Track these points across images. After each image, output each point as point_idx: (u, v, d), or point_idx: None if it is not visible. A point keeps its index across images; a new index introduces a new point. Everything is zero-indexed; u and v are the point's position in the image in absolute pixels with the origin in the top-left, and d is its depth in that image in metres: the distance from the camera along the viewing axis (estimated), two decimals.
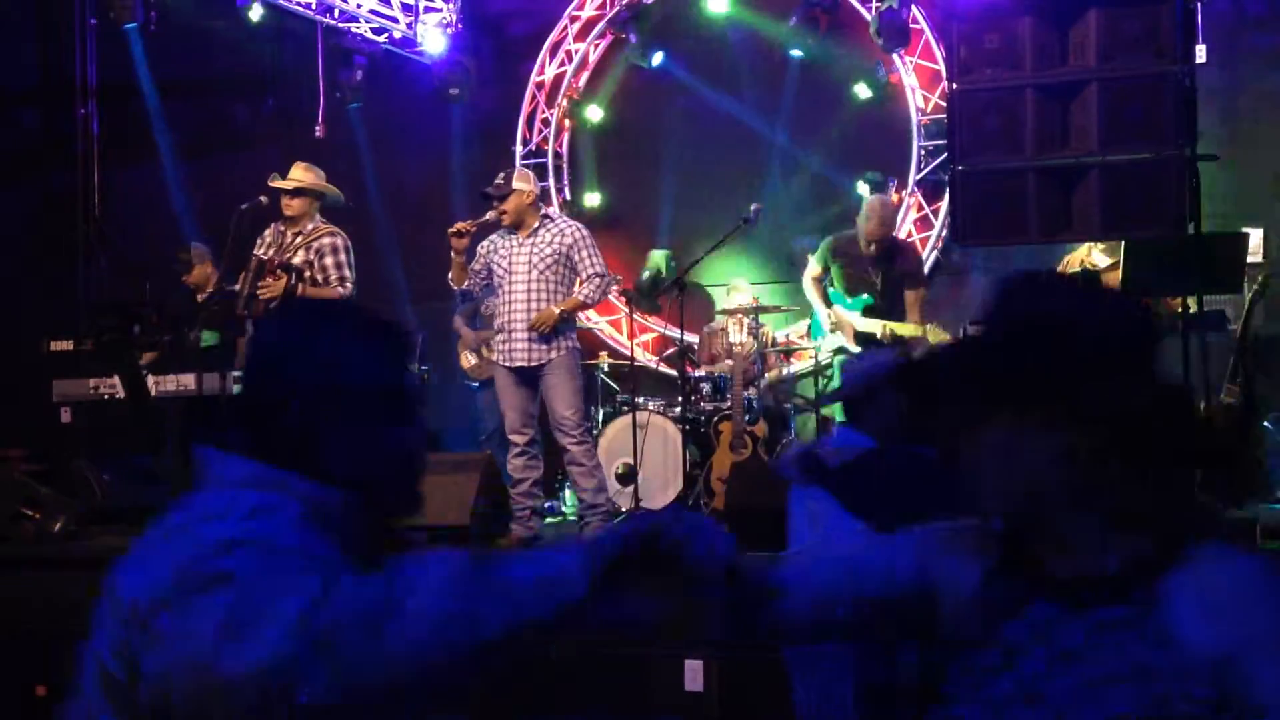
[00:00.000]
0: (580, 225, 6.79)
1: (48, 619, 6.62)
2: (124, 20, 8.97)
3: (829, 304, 7.63)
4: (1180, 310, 5.63)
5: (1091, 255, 6.64)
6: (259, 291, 6.85)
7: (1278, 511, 5.75)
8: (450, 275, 6.79)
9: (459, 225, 6.66)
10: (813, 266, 7.72)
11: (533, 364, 6.53)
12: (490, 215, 6.73)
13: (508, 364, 6.58)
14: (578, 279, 6.68)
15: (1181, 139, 5.24)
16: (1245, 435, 6.17)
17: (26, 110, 11.06)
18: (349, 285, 7.04)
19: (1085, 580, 1.75)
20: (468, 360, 8.60)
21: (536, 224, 6.64)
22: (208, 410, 7.38)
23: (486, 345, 8.50)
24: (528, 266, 6.56)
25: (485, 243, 6.77)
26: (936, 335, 7.42)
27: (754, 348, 8.28)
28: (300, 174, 7.17)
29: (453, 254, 6.68)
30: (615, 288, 7.85)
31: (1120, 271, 6.06)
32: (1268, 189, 8.00)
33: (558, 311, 6.50)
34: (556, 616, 1.62)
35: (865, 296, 7.52)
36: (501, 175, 6.84)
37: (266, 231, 7.22)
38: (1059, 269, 6.88)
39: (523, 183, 6.67)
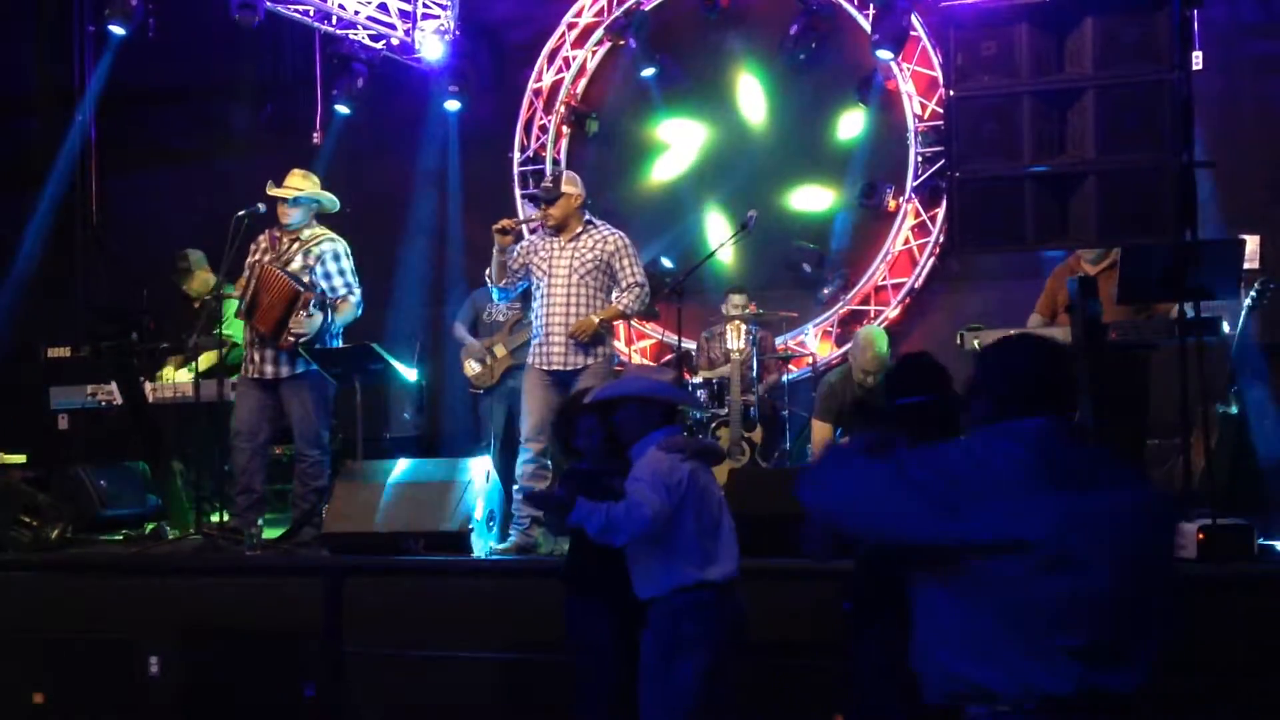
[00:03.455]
0: (623, 234, 6.72)
1: (45, 627, 6.63)
2: (115, 22, 8.94)
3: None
4: (1177, 317, 5.63)
5: (1081, 264, 6.64)
6: (293, 327, 6.82)
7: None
8: (489, 271, 6.73)
9: (504, 222, 6.62)
10: (822, 430, 7.67)
11: (568, 369, 6.51)
12: (536, 216, 6.71)
13: (543, 367, 6.55)
14: (616, 287, 6.65)
15: (1178, 146, 5.24)
16: (1242, 443, 6.18)
17: (24, 116, 11.05)
18: (358, 291, 7.08)
19: None
20: (472, 368, 8.59)
21: (580, 229, 6.61)
22: (209, 417, 7.39)
23: (491, 353, 8.49)
24: (568, 271, 6.52)
25: (525, 243, 6.74)
26: None
27: (752, 354, 8.28)
28: (298, 181, 7.18)
29: (495, 251, 6.62)
30: None
31: (1115, 275, 6.07)
32: (1264, 195, 8.01)
33: (598, 320, 6.48)
34: None
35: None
36: (550, 177, 6.82)
37: (260, 238, 7.21)
38: (1053, 276, 6.90)
39: (571, 186, 6.64)
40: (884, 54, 8.92)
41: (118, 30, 9.00)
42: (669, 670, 4.28)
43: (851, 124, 9.51)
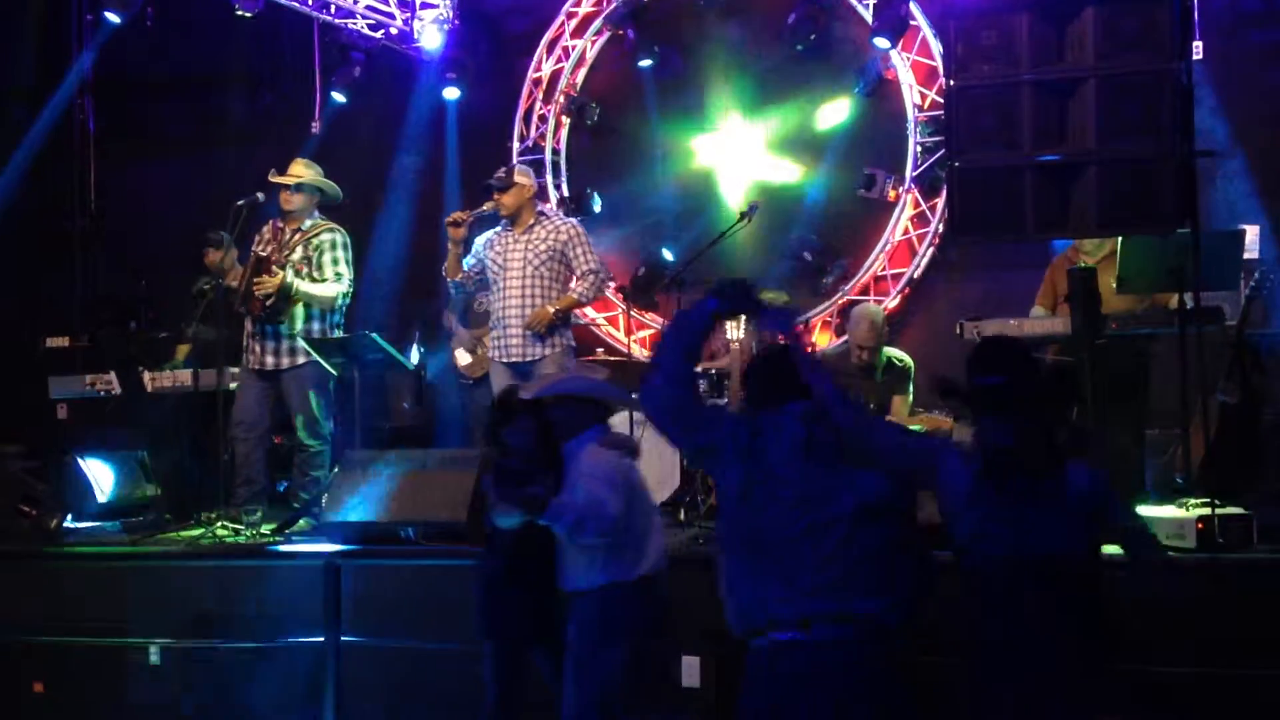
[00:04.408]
0: (575, 222, 6.81)
1: (44, 616, 6.63)
2: (110, 10, 8.90)
3: None
4: (1177, 307, 5.63)
5: (1080, 255, 6.63)
6: (255, 288, 6.87)
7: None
8: (445, 266, 6.81)
9: (455, 215, 6.68)
10: None
11: (526, 359, 6.55)
12: (487, 206, 6.75)
13: (502, 359, 6.60)
14: (573, 276, 6.69)
15: (1178, 135, 5.24)
16: (1243, 433, 6.18)
17: (21, 107, 11.03)
18: (345, 282, 7.07)
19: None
20: (462, 358, 8.60)
21: (532, 220, 6.68)
22: (207, 405, 7.39)
23: (481, 343, 8.51)
24: (522, 263, 6.58)
25: (481, 238, 6.79)
26: (934, 422, 7.39)
27: (752, 345, 8.26)
28: (301, 170, 7.19)
29: (449, 244, 6.69)
30: (612, 284, 7.84)
31: (1114, 265, 6.07)
32: (1264, 185, 8.00)
33: (552, 311, 6.52)
34: None
35: None
36: (504, 168, 6.89)
37: (265, 228, 7.23)
38: (1052, 268, 6.90)
39: (524, 177, 6.74)
40: (881, 42, 8.93)
41: (113, 19, 8.97)
42: (596, 659, 4.50)
43: (850, 113, 9.49)
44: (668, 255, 9.49)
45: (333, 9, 9.50)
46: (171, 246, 9.30)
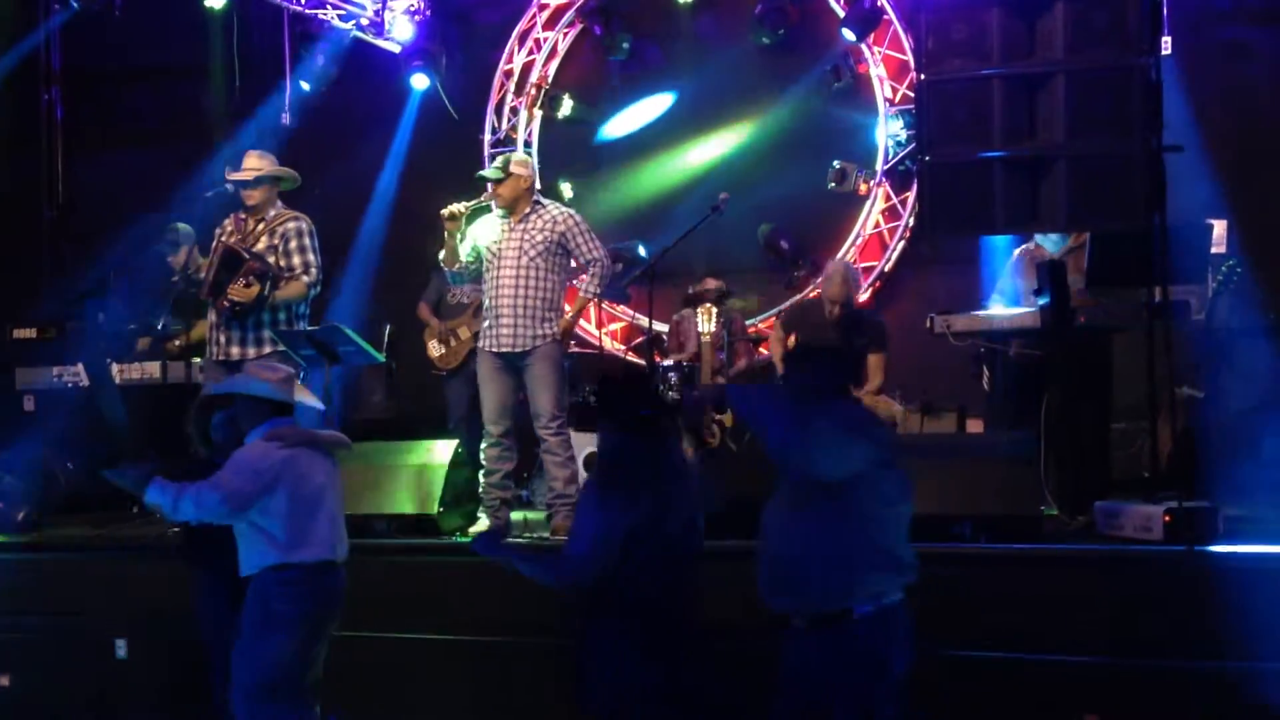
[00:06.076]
0: (573, 211, 6.75)
1: (11, 608, 6.59)
2: None
3: None
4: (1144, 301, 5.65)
5: (1042, 249, 6.66)
6: (231, 293, 6.77)
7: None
8: (442, 256, 6.76)
9: (452, 208, 6.61)
10: (779, 332, 7.70)
11: (518, 350, 6.51)
12: (484, 198, 6.73)
13: (492, 349, 6.55)
14: (571, 262, 6.69)
15: (1147, 130, 5.27)
16: (1207, 426, 6.21)
17: None
18: (314, 272, 6.98)
19: None
20: (435, 350, 8.57)
21: (529, 209, 6.62)
22: (177, 399, 7.33)
23: (454, 334, 8.48)
24: (518, 253, 6.52)
25: (475, 225, 6.75)
26: (888, 407, 7.45)
27: (723, 337, 8.27)
28: (255, 162, 7.09)
29: (446, 235, 6.64)
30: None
31: (1081, 257, 6.10)
32: (1231, 180, 8.04)
33: (571, 319, 6.64)
34: None
35: None
36: (500, 159, 6.87)
37: (226, 221, 7.14)
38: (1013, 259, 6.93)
39: (521, 168, 6.68)
40: (849, 35, 8.96)
41: (74, 4, 8.91)
42: (257, 643, 4.70)
43: (822, 106, 9.51)
44: (642, 252, 9.47)
45: (303, 0, 9.45)
46: (141, 237, 9.22)
